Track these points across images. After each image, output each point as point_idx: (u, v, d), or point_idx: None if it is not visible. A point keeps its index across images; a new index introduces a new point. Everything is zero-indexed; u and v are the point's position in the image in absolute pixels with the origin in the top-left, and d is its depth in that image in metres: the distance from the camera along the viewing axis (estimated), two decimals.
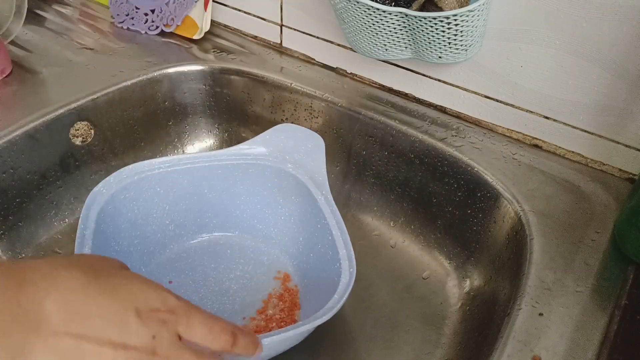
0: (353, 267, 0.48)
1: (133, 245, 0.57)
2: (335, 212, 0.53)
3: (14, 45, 0.71)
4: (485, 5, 0.49)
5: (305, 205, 0.57)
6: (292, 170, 0.57)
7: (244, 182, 0.60)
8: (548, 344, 0.42)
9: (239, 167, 0.59)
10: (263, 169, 0.59)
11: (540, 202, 0.53)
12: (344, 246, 0.50)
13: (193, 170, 0.58)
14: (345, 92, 0.65)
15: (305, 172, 0.57)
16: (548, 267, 0.47)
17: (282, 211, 0.60)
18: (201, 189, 0.60)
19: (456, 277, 0.59)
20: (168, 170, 0.57)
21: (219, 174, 0.59)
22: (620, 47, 0.49)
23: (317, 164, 0.57)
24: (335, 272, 0.49)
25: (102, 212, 0.52)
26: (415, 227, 0.64)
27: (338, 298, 0.46)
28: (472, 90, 0.59)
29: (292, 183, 0.58)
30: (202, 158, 0.58)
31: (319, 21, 0.66)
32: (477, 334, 0.51)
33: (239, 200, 0.61)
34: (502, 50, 0.55)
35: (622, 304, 0.45)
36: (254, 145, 0.60)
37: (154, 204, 0.58)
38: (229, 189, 0.60)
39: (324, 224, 0.53)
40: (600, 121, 0.54)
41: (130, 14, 0.75)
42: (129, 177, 0.55)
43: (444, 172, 0.59)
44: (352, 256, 0.49)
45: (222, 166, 0.59)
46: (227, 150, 0.59)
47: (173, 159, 0.58)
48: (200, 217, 0.61)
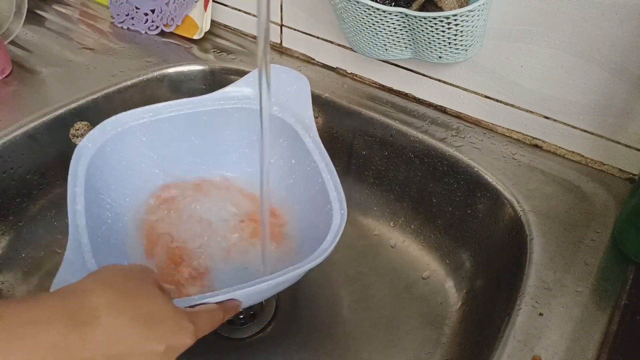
0: (344, 209, 0.47)
1: (124, 195, 0.56)
2: (324, 155, 0.52)
3: (14, 45, 0.71)
4: (485, 5, 0.49)
5: (293, 148, 0.56)
6: (279, 113, 0.56)
7: (230, 127, 0.59)
8: (548, 344, 0.42)
9: (224, 112, 0.58)
10: (248, 112, 0.58)
11: (540, 202, 0.53)
12: (334, 189, 0.49)
13: (177, 117, 0.57)
14: (345, 92, 0.65)
15: (291, 115, 0.56)
16: (548, 267, 0.47)
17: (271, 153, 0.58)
18: (187, 135, 0.59)
19: (456, 277, 0.59)
20: (152, 119, 0.56)
21: (204, 120, 0.58)
22: (620, 47, 0.49)
23: (303, 106, 0.56)
24: (326, 215, 0.48)
25: (90, 167, 0.51)
26: (415, 227, 0.64)
27: (330, 240, 0.45)
28: (472, 90, 0.59)
29: (278, 126, 0.57)
30: (186, 104, 0.57)
31: (319, 21, 0.66)
32: (477, 334, 0.51)
33: (226, 145, 0.61)
34: (502, 50, 0.55)
35: (622, 304, 0.45)
36: (238, 88, 0.58)
37: (141, 154, 0.57)
38: (215, 134, 0.60)
39: (313, 166, 0.52)
40: (600, 121, 0.54)
41: (130, 14, 0.75)
42: (113, 129, 0.54)
43: (444, 172, 0.59)
44: (343, 198, 0.48)
45: (207, 112, 0.58)
46: (210, 95, 0.58)
47: (156, 107, 0.56)
48: (188, 164, 0.60)
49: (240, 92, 0.58)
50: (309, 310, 0.59)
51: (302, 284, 0.61)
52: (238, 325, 0.59)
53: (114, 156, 0.55)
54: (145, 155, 0.57)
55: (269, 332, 0.58)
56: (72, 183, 0.49)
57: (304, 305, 0.59)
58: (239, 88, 0.59)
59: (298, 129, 0.54)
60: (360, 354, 0.55)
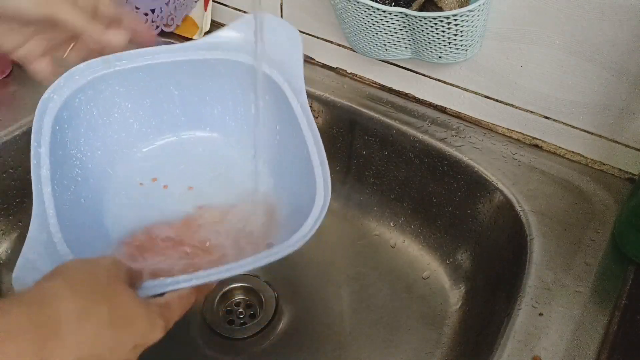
0: (328, 189, 0.44)
1: (96, 147, 0.52)
2: (313, 125, 0.48)
3: None
4: (485, 5, 0.49)
5: (280, 110, 0.52)
6: (267, 69, 0.52)
7: (213, 79, 0.55)
8: (548, 344, 0.42)
9: (207, 64, 0.54)
10: (234, 66, 0.54)
11: (540, 202, 0.53)
12: (320, 164, 0.45)
13: (155, 66, 0.53)
14: (345, 92, 0.65)
15: (280, 73, 0.52)
16: (548, 267, 0.47)
17: (256, 110, 0.55)
18: (166, 85, 0.55)
19: (456, 277, 0.59)
20: (126, 67, 0.52)
21: (185, 70, 0.54)
22: (620, 47, 0.49)
23: (294, 65, 0.52)
24: (310, 192, 0.44)
25: (56, 120, 0.47)
26: (415, 227, 0.64)
27: (311, 224, 0.42)
28: (472, 90, 0.59)
29: (266, 84, 0.52)
30: (164, 52, 0.53)
31: (319, 21, 0.66)
32: (477, 334, 0.51)
33: (209, 97, 0.57)
34: (502, 50, 0.55)
35: (622, 304, 0.45)
36: (223, 36, 0.54)
37: (114, 104, 0.53)
38: (197, 85, 0.55)
39: (299, 134, 0.48)
40: (600, 121, 0.54)
41: None
42: (82, 78, 0.50)
43: (444, 172, 0.59)
44: (328, 176, 0.44)
45: (188, 62, 0.54)
46: (193, 43, 0.54)
47: (130, 53, 0.52)
48: (167, 115, 0.56)
49: (227, 40, 0.54)
50: (309, 310, 0.59)
51: (302, 284, 0.61)
52: (238, 325, 0.59)
53: (83, 107, 0.51)
54: (119, 105, 0.53)
55: (269, 332, 0.58)
56: (36, 142, 0.45)
57: (304, 305, 0.59)
58: (226, 34, 0.54)
59: (287, 92, 0.50)
60: (360, 354, 0.55)
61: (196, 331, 0.57)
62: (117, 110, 0.54)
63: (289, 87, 0.51)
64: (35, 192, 0.42)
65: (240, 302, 0.61)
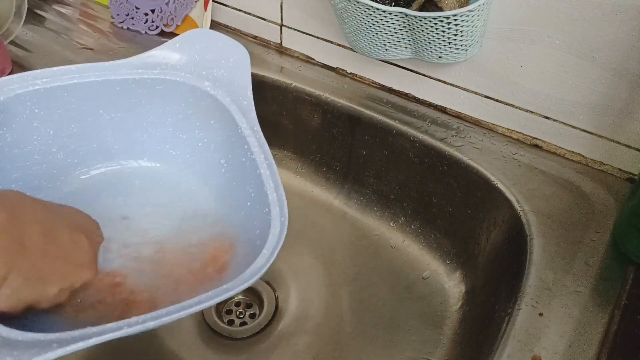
0: (285, 216, 0.40)
1: (10, 180, 0.46)
2: (264, 147, 0.44)
3: (14, 45, 0.71)
4: (485, 5, 0.49)
5: (227, 133, 0.47)
6: (211, 89, 0.48)
7: (151, 101, 0.50)
8: (548, 344, 0.42)
9: (143, 83, 0.48)
10: (174, 86, 0.49)
11: (540, 202, 0.53)
12: (274, 189, 0.41)
13: (82, 85, 0.47)
14: (345, 92, 0.65)
15: (226, 93, 0.48)
16: (548, 267, 0.47)
17: (200, 136, 0.50)
18: (95, 108, 0.49)
19: (456, 277, 0.59)
20: (47, 86, 0.46)
21: (118, 90, 0.48)
22: (620, 47, 0.49)
23: (242, 84, 0.48)
24: (264, 219, 0.41)
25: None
26: (415, 227, 0.64)
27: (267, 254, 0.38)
28: (472, 90, 0.59)
29: (211, 105, 0.48)
30: (93, 70, 0.47)
31: (319, 21, 0.66)
32: (477, 334, 0.51)
33: (146, 123, 0.51)
34: (502, 50, 0.55)
35: (622, 304, 0.45)
36: (162, 53, 0.49)
37: (33, 129, 0.47)
38: (132, 108, 0.50)
39: (250, 158, 0.44)
40: (600, 121, 0.54)
41: (130, 14, 0.75)
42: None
43: (444, 172, 0.59)
44: (284, 202, 0.41)
45: (120, 81, 0.48)
46: (126, 61, 0.49)
47: (54, 71, 0.46)
48: (97, 143, 0.50)
49: (164, 59, 0.49)
50: (309, 310, 0.59)
51: (302, 284, 0.61)
52: (238, 325, 0.59)
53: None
54: (39, 131, 0.47)
55: (269, 332, 0.58)
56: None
57: (304, 305, 0.59)
58: (163, 53, 0.49)
59: (234, 112, 0.46)
60: (360, 354, 0.55)
61: (196, 331, 0.57)
62: (37, 137, 0.47)
63: (236, 108, 0.47)
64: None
65: (240, 302, 0.61)
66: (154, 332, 0.57)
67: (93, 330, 0.33)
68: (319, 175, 0.69)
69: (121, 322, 0.34)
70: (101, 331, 0.33)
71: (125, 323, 0.34)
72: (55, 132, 0.48)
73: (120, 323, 0.34)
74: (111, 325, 0.33)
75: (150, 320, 0.34)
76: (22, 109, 0.46)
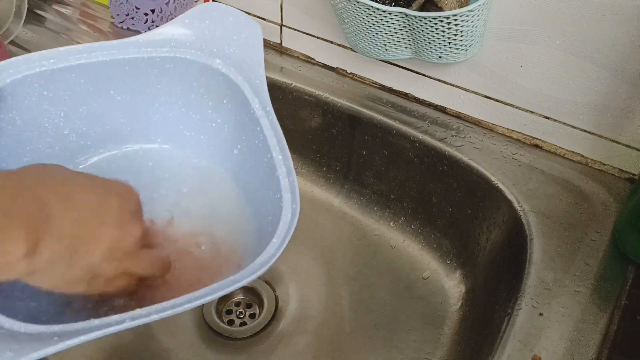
0: (296, 203, 0.39)
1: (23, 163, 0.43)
2: (277, 129, 0.43)
3: (14, 45, 0.71)
4: (485, 5, 0.49)
5: (240, 113, 0.46)
6: (222, 67, 0.46)
7: (161, 81, 0.48)
8: (548, 344, 0.42)
9: (153, 62, 0.47)
10: (185, 64, 0.47)
11: (540, 202, 0.53)
12: (287, 174, 0.40)
13: (90, 66, 0.46)
14: (345, 92, 0.65)
15: (238, 71, 0.46)
16: (548, 267, 0.47)
17: (213, 116, 0.49)
18: (105, 89, 0.48)
19: (456, 277, 0.59)
20: (54, 68, 0.45)
21: (127, 70, 0.47)
22: (620, 47, 0.49)
23: (254, 62, 0.46)
24: (275, 206, 0.40)
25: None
26: (415, 227, 0.64)
27: (277, 243, 0.37)
28: (472, 90, 0.59)
29: (222, 84, 0.47)
30: (100, 49, 0.46)
31: (319, 21, 0.66)
32: (477, 334, 0.51)
33: (158, 103, 0.50)
34: (502, 50, 0.55)
35: (622, 304, 0.45)
36: (171, 31, 0.48)
37: (44, 111, 0.46)
38: (142, 89, 0.49)
39: (262, 140, 0.43)
40: (600, 121, 0.54)
41: (130, 14, 0.75)
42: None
43: (444, 172, 0.59)
44: (296, 188, 0.40)
45: (129, 60, 0.46)
46: (134, 39, 0.47)
47: (60, 51, 0.45)
48: (109, 124, 0.49)
49: (173, 36, 0.47)
50: (309, 310, 0.59)
51: (302, 284, 0.61)
52: (238, 325, 0.59)
53: (3, 116, 0.44)
54: (49, 113, 0.46)
55: (269, 332, 0.58)
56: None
57: (304, 305, 0.59)
58: (172, 29, 0.48)
59: (246, 91, 0.45)
60: (360, 354, 0.55)
61: (196, 331, 0.57)
62: (48, 119, 0.46)
63: (248, 87, 0.45)
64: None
65: (240, 302, 0.61)
66: (154, 332, 0.57)
67: (96, 322, 0.33)
68: (319, 175, 0.69)
69: (125, 314, 0.33)
70: (104, 324, 0.32)
71: (128, 316, 0.33)
72: (66, 114, 0.47)
73: (124, 315, 0.33)
74: (115, 317, 0.33)
75: (154, 313, 0.33)
76: (30, 91, 0.45)
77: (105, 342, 0.55)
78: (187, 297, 0.34)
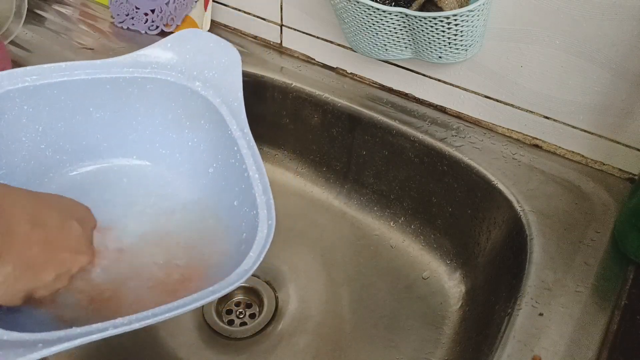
0: (272, 219, 0.40)
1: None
2: (253, 149, 0.44)
3: (14, 45, 0.71)
4: (485, 5, 0.49)
5: (217, 134, 0.48)
6: (201, 90, 0.48)
7: (140, 100, 0.50)
8: (548, 344, 0.42)
9: (134, 82, 0.49)
10: (164, 85, 0.49)
11: (540, 202, 0.53)
12: (263, 192, 0.42)
13: (71, 84, 0.47)
14: (345, 92, 0.65)
15: (216, 94, 0.48)
16: (548, 267, 0.47)
17: (190, 136, 0.50)
18: (85, 106, 0.49)
19: (456, 277, 0.59)
20: (37, 84, 0.46)
21: (108, 89, 0.49)
22: (620, 47, 0.49)
23: (232, 86, 0.48)
24: (251, 222, 0.41)
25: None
26: (415, 227, 0.64)
27: (254, 257, 0.38)
28: (472, 90, 0.59)
29: (201, 105, 0.49)
30: (84, 68, 0.47)
31: (319, 21, 0.66)
32: (477, 334, 0.51)
33: (135, 121, 0.51)
34: (502, 50, 0.55)
35: (622, 304, 0.45)
36: (153, 53, 0.49)
37: (21, 126, 0.47)
38: (122, 107, 0.50)
39: (239, 159, 0.45)
40: (600, 121, 0.54)
41: (130, 14, 0.75)
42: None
43: (444, 172, 0.59)
44: (272, 205, 0.41)
45: (111, 80, 0.48)
46: (117, 60, 0.49)
47: (44, 68, 0.46)
48: (86, 140, 0.50)
49: (156, 58, 0.49)
50: (309, 310, 0.59)
51: (302, 284, 0.61)
52: (238, 325, 0.59)
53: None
54: (27, 128, 0.47)
55: (269, 332, 0.58)
56: None
57: (304, 305, 0.59)
58: (155, 52, 0.49)
59: (224, 113, 0.46)
60: (360, 354, 0.55)
61: (196, 331, 0.57)
62: (25, 134, 0.47)
63: (226, 109, 0.47)
64: None
65: (240, 302, 0.61)
66: (154, 332, 0.57)
67: (78, 330, 0.33)
68: (319, 175, 0.69)
69: (107, 322, 0.34)
70: (87, 332, 0.33)
71: (110, 324, 0.34)
72: (43, 129, 0.48)
73: (106, 324, 0.34)
74: (97, 325, 0.34)
75: (135, 321, 0.34)
76: (10, 105, 0.46)
77: (106, 342, 0.55)
78: (167, 306, 0.35)
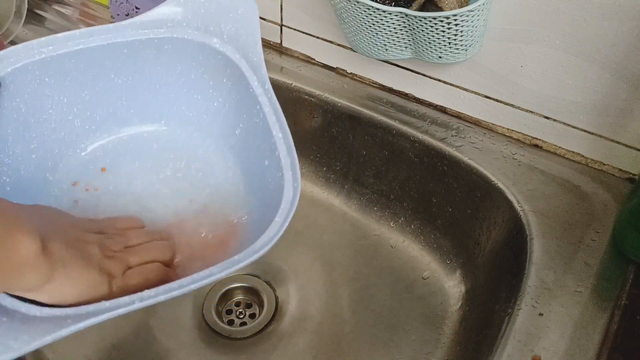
0: (297, 181, 0.39)
1: (29, 151, 0.46)
2: (275, 106, 0.43)
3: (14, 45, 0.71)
4: (485, 5, 0.49)
5: (240, 91, 0.47)
6: (220, 46, 0.47)
7: (160, 62, 0.49)
8: (548, 344, 0.42)
9: (150, 44, 0.48)
10: (182, 44, 0.48)
11: (540, 202, 0.53)
12: (287, 153, 0.41)
13: (88, 51, 0.46)
14: (345, 92, 0.65)
15: (236, 49, 0.46)
16: (548, 267, 0.47)
17: (215, 95, 0.49)
18: (106, 73, 0.48)
19: (456, 277, 0.59)
20: (53, 54, 0.45)
21: (126, 53, 0.48)
22: (620, 47, 0.49)
23: (251, 39, 0.46)
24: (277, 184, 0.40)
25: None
26: (415, 227, 0.64)
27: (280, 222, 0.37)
28: (472, 90, 0.59)
29: (221, 62, 0.47)
30: (98, 33, 0.46)
31: (319, 21, 0.66)
32: (477, 334, 0.51)
33: (159, 84, 0.50)
34: (502, 50, 0.55)
35: (622, 304, 0.45)
36: (167, 11, 0.48)
37: (46, 97, 0.47)
38: (142, 70, 0.49)
39: (262, 119, 0.43)
40: (600, 121, 0.54)
41: (130, 14, 0.75)
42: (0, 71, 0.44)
43: (444, 172, 0.59)
44: (297, 166, 0.40)
45: (126, 43, 0.47)
46: (131, 21, 0.48)
47: (57, 38, 0.46)
48: (112, 108, 0.50)
49: (169, 16, 0.48)
50: (309, 310, 0.59)
51: (302, 284, 0.61)
52: (238, 325, 0.59)
53: (7, 104, 0.44)
54: (52, 99, 0.47)
55: (269, 332, 0.58)
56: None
57: (304, 305, 0.59)
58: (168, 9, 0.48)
59: (244, 69, 0.45)
60: (360, 354, 0.55)
61: (196, 331, 0.57)
62: (51, 105, 0.47)
63: (246, 64, 0.45)
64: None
65: (240, 302, 0.61)
66: (154, 332, 0.57)
67: (106, 305, 0.33)
68: (319, 175, 0.69)
69: (133, 295, 0.33)
70: (115, 306, 0.33)
71: (137, 297, 0.33)
72: (69, 100, 0.48)
73: (133, 297, 0.33)
74: (124, 299, 0.33)
75: (161, 293, 0.33)
76: (31, 79, 0.45)
77: (106, 342, 0.55)
78: (190, 278, 0.35)
